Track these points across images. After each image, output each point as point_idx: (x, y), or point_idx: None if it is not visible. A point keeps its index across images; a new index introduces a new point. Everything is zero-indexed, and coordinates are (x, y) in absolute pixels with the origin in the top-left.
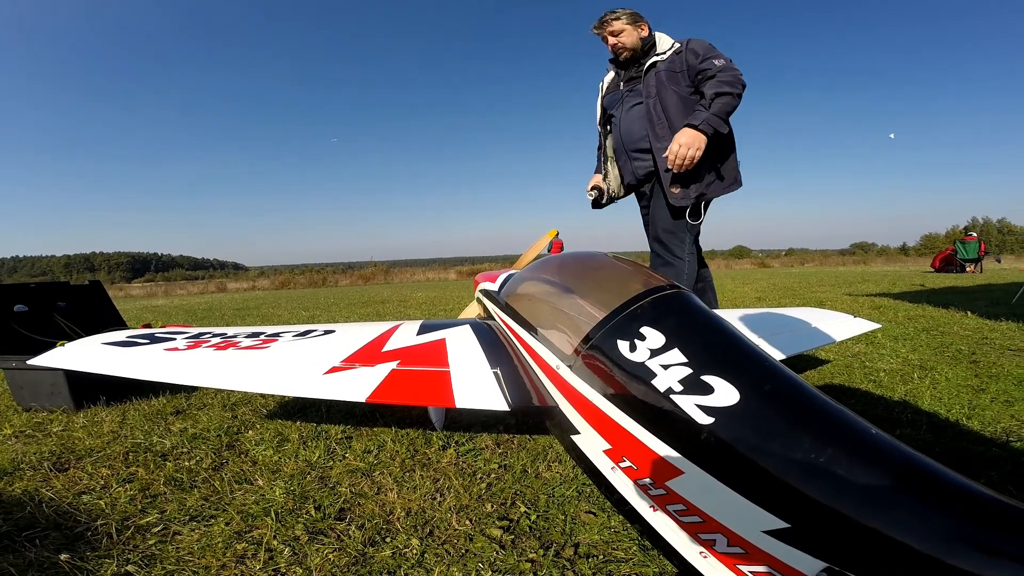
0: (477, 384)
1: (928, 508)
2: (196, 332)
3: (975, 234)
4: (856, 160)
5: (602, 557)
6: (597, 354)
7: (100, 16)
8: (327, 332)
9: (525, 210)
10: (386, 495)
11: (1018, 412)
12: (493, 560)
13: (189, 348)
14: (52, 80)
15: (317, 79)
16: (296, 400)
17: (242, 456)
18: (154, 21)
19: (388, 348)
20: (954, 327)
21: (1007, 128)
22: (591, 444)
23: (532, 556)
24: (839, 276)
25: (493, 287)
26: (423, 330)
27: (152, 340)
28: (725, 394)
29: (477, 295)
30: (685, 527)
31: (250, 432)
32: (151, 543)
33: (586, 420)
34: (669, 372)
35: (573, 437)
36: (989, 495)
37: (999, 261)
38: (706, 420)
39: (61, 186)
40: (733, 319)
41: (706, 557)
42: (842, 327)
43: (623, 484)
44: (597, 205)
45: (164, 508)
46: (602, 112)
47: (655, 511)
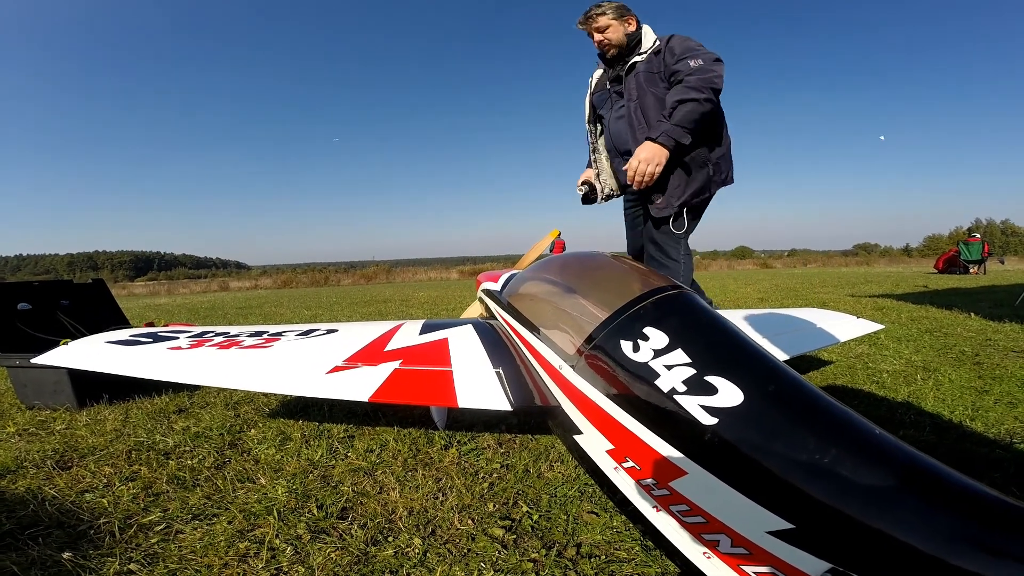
0: (479, 384)
1: (932, 509)
2: (199, 331)
3: (979, 235)
4: (859, 160)
5: (604, 557)
6: (600, 354)
7: (100, 15)
8: (330, 331)
9: (527, 210)
10: (388, 494)
11: (1022, 414)
12: (495, 560)
13: (192, 347)
14: (53, 80)
15: (318, 79)
16: (298, 399)
17: (244, 455)
18: (154, 20)
19: (390, 348)
20: (957, 328)
21: (1011, 129)
22: (594, 444)
23: (534, 556)
24: (842, 277)
25: (495, 287)
26: (425, 330)
27: (155, 339)
28: (729, 395)
29: (479, 295)
30: (688, 527)
31: (252, 431)
32: (154, 542)
33: (589, 420)
34: (672, 372)
35: (575, 437)
36: (993, 496)
37: (1003, 262)
38: (710, 420)
39: (64, 185)
40: (736, 319)
41: (709, 558)
42: (845, 328)
43: (626, 484)
44: (587, 201)
45: (167, 507)
46: (591, 110)
47: (658, 511)
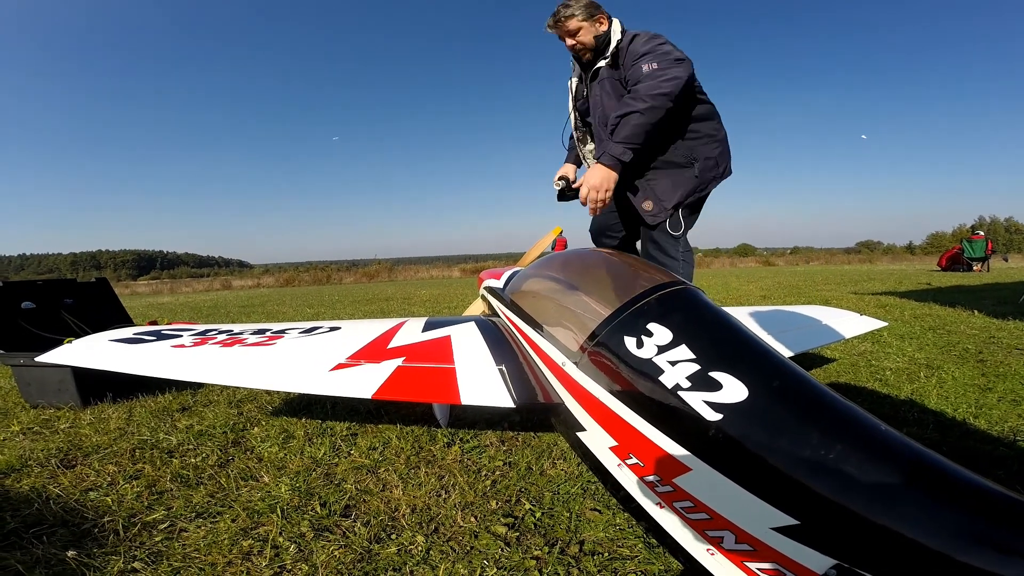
0: (482, 381)
1: (938, 505)
2: (202, 329)
3: (982, 233)
4: (862, 158)
5: (607, 554)
6: (603, 351)
7: (101, 14)
8: (332, 329)
9: (529, 208)
10: (391, 492)
11: None
12: (498, 557)
13: (195, 345)
14: (54, 79)
15: (320, 78)
16: (301, 397)
17: (248, 453)
18: (155, 20)
19: (393, 345)
20: (961, 326)
21: (1016, 127)
22: (597, 441)
23: (537, 553)
24: (845, 274)
25: (498, 284)
26: (428, 327)
27: (159, 337)
28: (733, 390)
29: (482, 292)
30: (692, 524)
31: (256, 429)
32: (157, 540)
33: (592, 417)
34: (677, 368)
35: (579, 434)
36: (1000, 492)
37: (1006, 260)
38: (714, 416)
39: (67, 185)
40: (739, 317)
41: (713, 554)
42: (848, 325)
43: (629, 481)
44: (563, 196)
45: (170, 505)
46: (579, 117)
47: (662, 508)
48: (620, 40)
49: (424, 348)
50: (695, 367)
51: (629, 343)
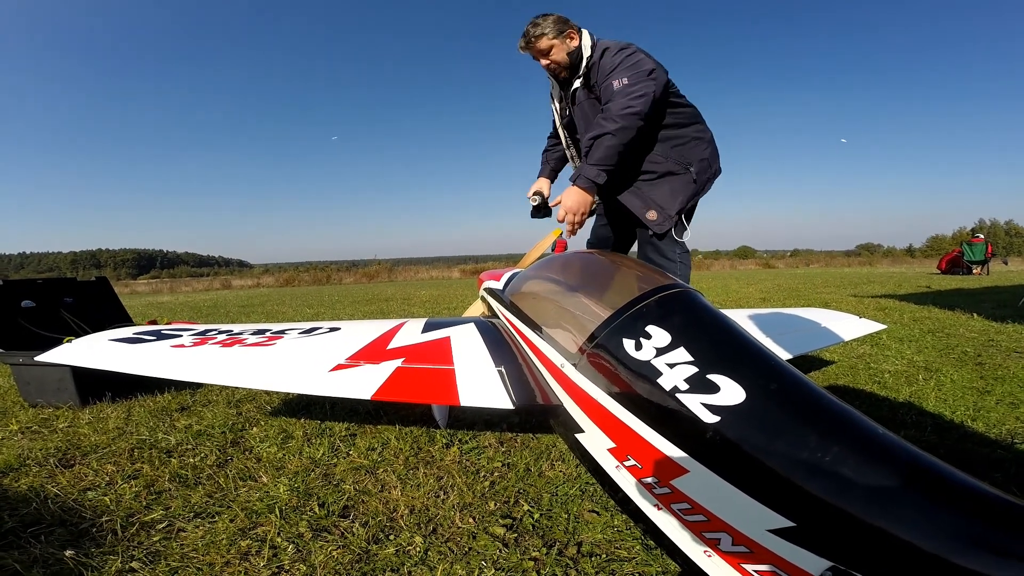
0: (481, 382)
1: (935, 507)
2: (202, 329)
3: (982, 236)
4: (862, 160)
5: (605, 556)
6: (602, 352)
7: (101, 13)
8: (332, 330)
9: (529, 208)
10: (390, 492)
11: (1023, 414)
12: (496, 558)
13: (195, 345)
14: (55, 78)
15: (320, 77)
16: (300, 397)
17: (246, 453)
18: (155, 19)
19: (393, 346)
20: (960, 329)
21: (1016, 129)
22: (595, 442)
23: (535, 554)
24: (844, 277)
25: (497, 285)
26: (428, 328)
27: (158, 337)
28: (731, 393)
29: (481, 293)
30: (690, 526)
31: (255, 429)
32: (155, 540)
33: (591, 418)
34: (675, 371)
35: (577, 436)
36: (996, 495)
37: (1006, 263)
38: (712, 419)
39: (67, 183)
40: (738, 319)
41: (711, 556)
42: (847, 328)
43: (627, 483)
44: (538, 213)
45: (169, 505)
46: (568, 135)
47: (659, 510)
48: (591, 56)
49: (424, 349)
50: (693, 369)
51: (628, 345)
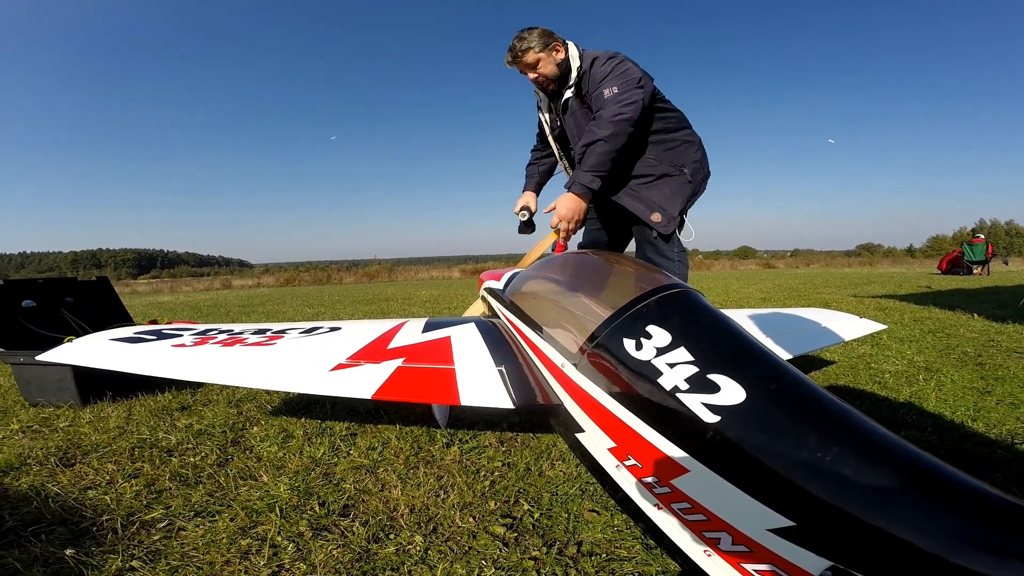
0: (482, 382)
1: (934, 507)
2: (203, 329)
3: (983, 236)
4: (863, 161)
5: (605, 555)
6: (603, 352)
7: (101, 12)
8: (333, 329)
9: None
10: (390, 492)
11: (1023, 415)
12: (496, 557)
13: (196, 344)
14: (55, 77)
15: (321, 77)
16: (301, 397)
17: (247, 452)
18: (155, 18)
19: (393, 345)
20: (960, 329)
21: (1016, 129)
22: (596, 442)
23: (535, 554)
24: (844, 277)
25: (498, 285)
26: (428, 328)
27: (159, 336)
28: (731, 393)
29: (482, 293)
30: (690, 525)
31: (255, 428)
32: (156, 539)
33: (591, 418)
34: (675, 371)
35: (577, 435)
36: (996, 495)
37: (1006, 263)
38: (712, 418)
39: (68, 183)
40: (739, 319)
41: (710, 555)
42: (848, 328)
43: (627, 482)
44: (527, 228)
45: (169, 504)
46: (560, 147)
47: (659, 509)
48: (581, 66)
49: (424, 349)
50: (693, 369)
51: (628, 345)
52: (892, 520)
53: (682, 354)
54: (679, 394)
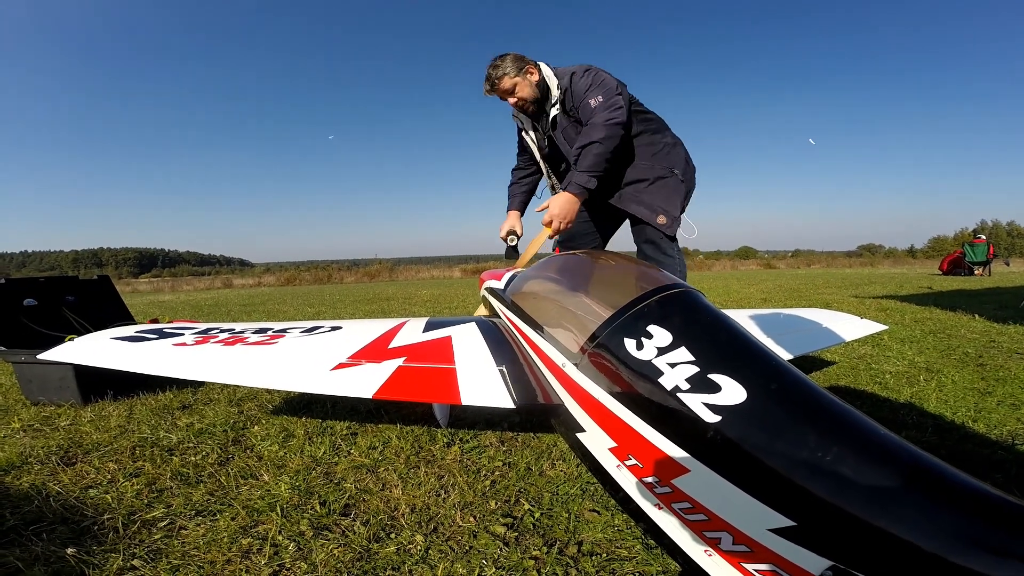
0: (483, 381)
1: (935, 507)
2: (204, 328)
3: (984, 237)
4: (864, 161)
5: (605, 555)
6: (604, 352)
7: (101, 12)
8: (334, 328)
9: (530, 207)
10: (391, 491)
11: None
12: (497, 557)
13: (197, 343)
14: (56, 77)
15: (321, 77)
16: (302, 396)
17: (248, 451)
18: (155, 18)
19: (394, 345)
20: (961, 330)
21: (1017, 130)
22: (596, 442)
23: (536, 553)
24: (845, 278)
25: (498, 285)
26: (429, 327)
27: (160, 335)
28: (732, 392)
29: (482, 293)
30: (690, 525)
31: (256, 428)
32: (157, 537)
33: (592, 418)
34: (676, 370)
35: (578, 435)
36: (997, 495)
37: (1008, 264)
38: (713, 418)
39: (69, 182)
40: (740, 319)
41: (711, 555)
42: (848, 328)
43: (628, 482)
44: (514, 253)
45: (170, 503)
46: (549, 167)
47: (660, 509)
48: (560, 83)
49: (425, 348)
50: (694, 369)
51: (629, 345)
52: (893, 520)
53: (683, 354)
54: (680, 394)
